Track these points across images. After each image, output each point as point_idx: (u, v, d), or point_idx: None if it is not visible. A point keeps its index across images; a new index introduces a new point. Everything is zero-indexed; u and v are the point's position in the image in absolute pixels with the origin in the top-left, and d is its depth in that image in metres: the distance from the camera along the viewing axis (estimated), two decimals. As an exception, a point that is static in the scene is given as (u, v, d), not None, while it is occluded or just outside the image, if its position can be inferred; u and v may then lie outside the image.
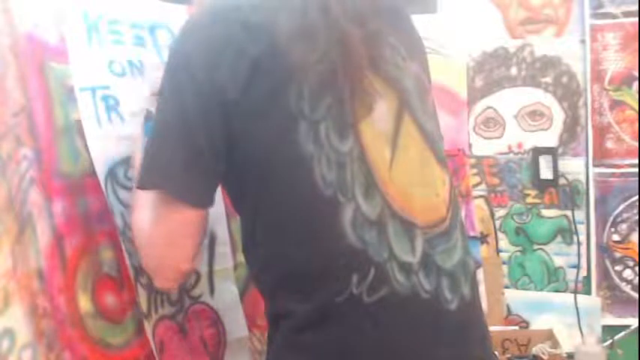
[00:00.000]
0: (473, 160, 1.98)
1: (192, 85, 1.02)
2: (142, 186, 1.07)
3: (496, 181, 1.97)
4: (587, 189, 1.91)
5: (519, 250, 1.96)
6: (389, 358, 1.03)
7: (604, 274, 1.91)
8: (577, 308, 1.89)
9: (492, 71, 1.96)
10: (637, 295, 1.88)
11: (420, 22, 1.19)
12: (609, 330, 1.88)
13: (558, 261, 1.94)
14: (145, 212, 1.08)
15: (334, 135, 1.02)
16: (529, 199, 1.95)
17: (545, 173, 1.92)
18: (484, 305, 1.71)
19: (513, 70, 1.95)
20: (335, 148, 1.02)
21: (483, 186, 1.98)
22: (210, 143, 1.03)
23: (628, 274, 1.89)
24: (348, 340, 1.02)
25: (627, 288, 1.90)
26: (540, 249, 1.95)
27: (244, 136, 1.03)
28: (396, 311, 1.02)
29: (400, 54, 1.09)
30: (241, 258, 1.36)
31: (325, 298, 1.01)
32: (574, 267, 1.92)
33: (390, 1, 1.16)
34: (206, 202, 1.08)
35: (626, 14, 1.86)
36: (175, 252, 1.08)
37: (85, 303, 1.12)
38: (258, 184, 1.05)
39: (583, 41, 1.89)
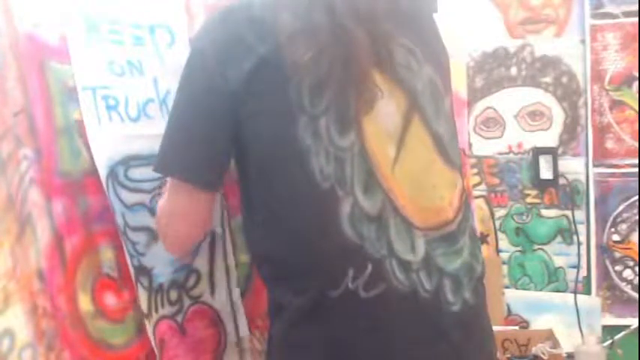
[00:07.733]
0: (473, 160, 1.98)
1: (204, 78, 1.08)
2: (155, 171, 1.14)
3: (496, 181, 1.97)
4: (587, 189, 1.90)
5: (519, 250, 1.96)
6: (384, 355, 1.03)
7: (604, 274, 1.91)
8: (577, 308, 1.89)
9: (492, 71, 1.96)
10: (637, 295, 1.88)
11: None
12: (609, 330, 1.87)
13: (558, 261, 1.94)
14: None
15: (334, 130, 1.03)
16: (529, 199, 1.95)
17: (545, 173, 1.92)
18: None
19: (513, 70, 1.94)
20: (334, 143, 1.03)
21: (483, 186, 1.98)
22: (218, 132, 1.08)
23: (628, 274, 1.89)
24: (341, 334, 1.02)
25: (627, 288, 1.89)
26: (540, 249, 1.95)
27: (247, 129, 1.06)
28: (393, 308, 1.02)
29: (415, 56, 1.10)
30: (241, 258, 1.37)
31: (319, 292, 1.02)
32: (574, 267, 1.91)
33: (412, 5, 1.16)
34: (210, 184, 1.13)
35: (626, 14, 1.85)
36: (180, 227, 1.15)
37: (85, 303, 1.12)
38: (258, 176, 1.08)
39: (583, 41, 1.89)
